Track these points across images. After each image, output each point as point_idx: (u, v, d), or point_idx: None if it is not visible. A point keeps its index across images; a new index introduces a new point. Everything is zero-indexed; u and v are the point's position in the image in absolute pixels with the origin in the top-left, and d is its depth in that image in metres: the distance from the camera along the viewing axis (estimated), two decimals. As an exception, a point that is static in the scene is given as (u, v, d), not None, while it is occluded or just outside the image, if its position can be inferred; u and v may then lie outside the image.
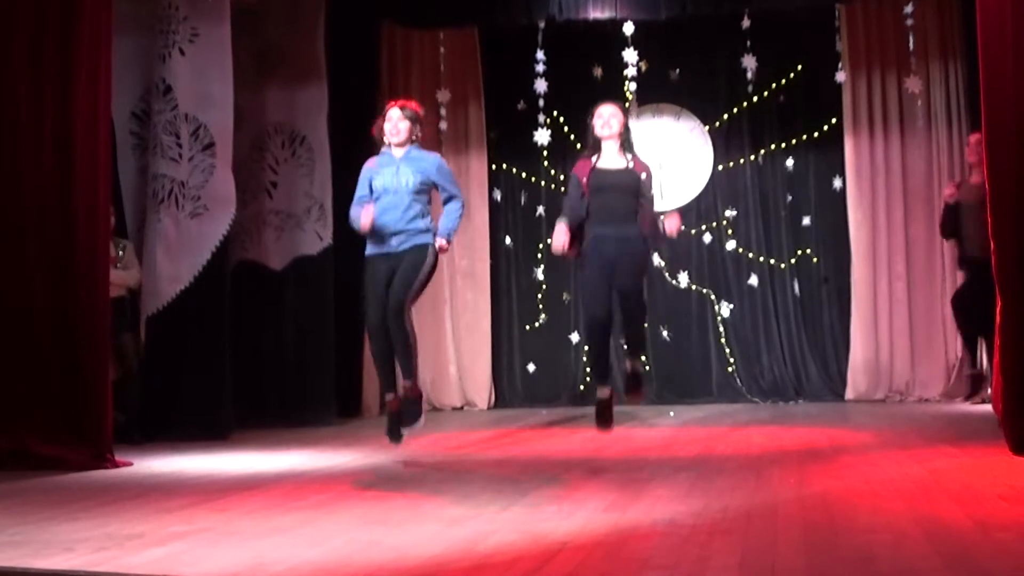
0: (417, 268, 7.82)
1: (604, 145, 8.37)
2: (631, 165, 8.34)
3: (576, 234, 8.24)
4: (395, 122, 8.03)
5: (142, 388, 9.80)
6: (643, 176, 8.33)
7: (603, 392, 8.42)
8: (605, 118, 8.38)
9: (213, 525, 5.27)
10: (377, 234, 7.89)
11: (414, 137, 8.08)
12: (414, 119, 8.09)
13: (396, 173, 7.92)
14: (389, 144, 8.07)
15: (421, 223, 7.89)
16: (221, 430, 9.75)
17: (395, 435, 8.04)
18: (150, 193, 10.07)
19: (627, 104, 12.31)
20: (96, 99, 8.19)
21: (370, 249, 8.00)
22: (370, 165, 8.15)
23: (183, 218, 10.03)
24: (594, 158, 8.36)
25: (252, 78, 11.18)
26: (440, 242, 7.87)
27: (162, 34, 10.06)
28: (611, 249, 8.13)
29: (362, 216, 7.76)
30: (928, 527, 4.72)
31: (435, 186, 8.01)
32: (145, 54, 10.18)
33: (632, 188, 8.25)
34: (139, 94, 10.28)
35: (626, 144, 8.43)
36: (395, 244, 7.85)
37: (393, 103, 8.24)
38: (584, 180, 8.27)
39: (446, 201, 8.05)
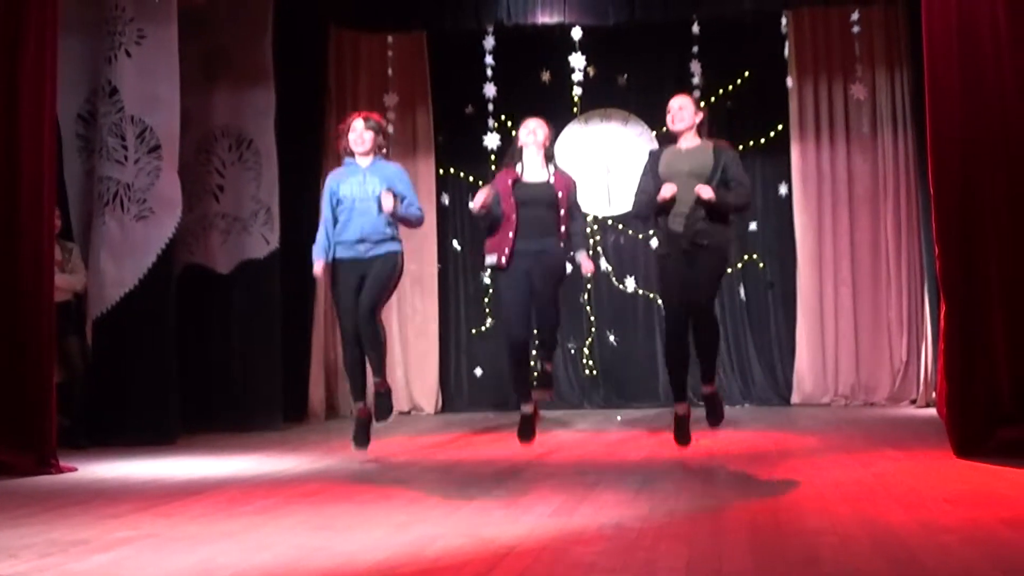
0: (387, 277, 8.14)
1: (526, 154, 8.33)
2: (552, 180, 8.29)
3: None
4: (360, 132, 8.22)
5: (87, 392, 9.71)
6: (562, 193, 8.24)
7: (527, 408, 8.33)
8: (531, 127, 8.40)
9: (159, 531, 5.24)
10: (347, 241, 8.08)
11: (378, 147, 8.20)
12: (377, 129, 8.32)
13: (363, 182, 8.13)
14: (354, 154, 8.22)
15: (388, 230, 8.11)
16: (167, 435, 9.69)
17: (361, 442, 8.24)
18: (96, 196, 10.00)
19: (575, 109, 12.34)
20: (41, 101, 8.12)
21: (340, 253, 8.16)
22: (334, 175, 8.36)
23: (128, 221, 9.96)
24: (518, 167, 8.32)
25: (199, 81, 11.11)
26: (388, 199, 8.03)
27: (108, 35, 10.00)
28: (528, 263, 8.09)
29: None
30: (873, 530, 4.75)
31: (398, 197, 8.14)
32: (91, 55, 10.11)
33: (552, 202, 8.20)
34: (85, 96, 10.20)
35: (550, 157, 8.40)
36: (363, 251, 8.09)
37: (356, 114, 8.42)
38: (505, 192, 8.21)
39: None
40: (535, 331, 8.33)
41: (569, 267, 8.80)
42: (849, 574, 3.99)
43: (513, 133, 12.62)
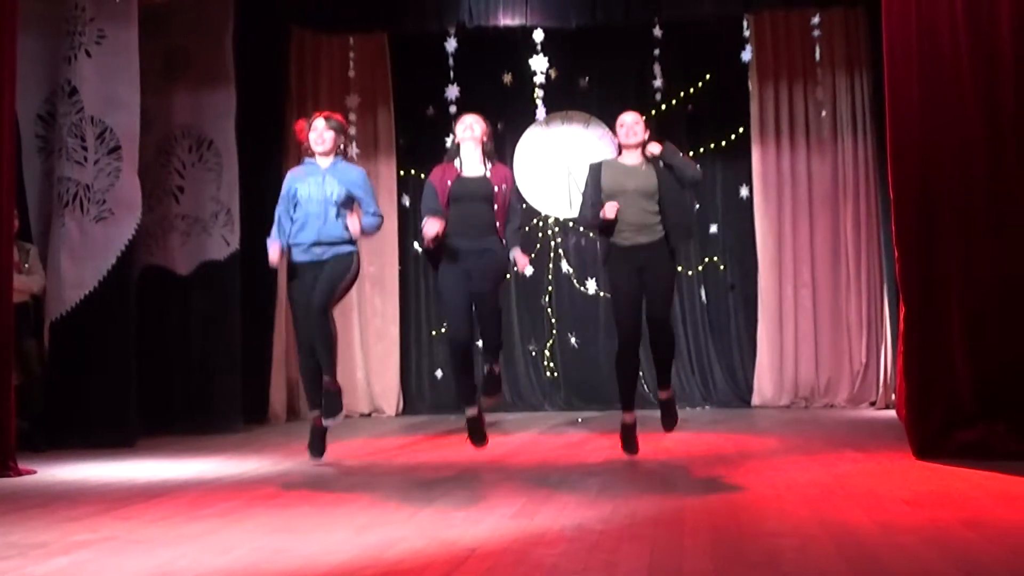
0: (340, 276, 8.03)
1: (463, 149, 8.24)
2: (488, 174, 8.20)
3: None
4: (320, 131, 8.15)
5: (46, 394, 9.65)
6: (500, 187, 8.15)
7: (472, 411, 8.22)
8: (467, 123, 8.29)
9: (118, 534, 5.22)
10: (303, 243, 8.02)
11: (340, 147, 8.18)
12: (339, 129, 8.26)
13: (321, 183, 8.06)
14: (314, 154, 8.17)
15: (344, 234, 8.04)
16: (126, 437, 9.64)
17: (317, 450, 8.23)
18: (55, 197, 9.94)
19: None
20: (0, 101, 8.07)
21: (296, 256, 8.11)
22: (293, 173, 8.27)
23: (88, 222, 9.91)
24: (456, 162, 8.24)
25: (159, 81, 11.07)
26: (353, 223, 8.06)
27: (68, 35, 9.94)
28: (468, 262, 8.00)
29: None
30: (833, 531, 4.78)
31: (357, 201, 8.12)
32: (51, 55, 10.05)
33: (488, 196, 8.10)
34: (44, 96, 10.14)
35: (487, 151, 8.30)
36: (319, 253, 8.04)
37: (318, 114, 8.36)
38: (443, 188, 8.13)
39: (367, 214, 8.21)
40: (479, 332, 8.27)
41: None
42: (809, 575, 4.00)
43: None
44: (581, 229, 13.14)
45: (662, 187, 7.84)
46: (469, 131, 8.23)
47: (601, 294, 13.18)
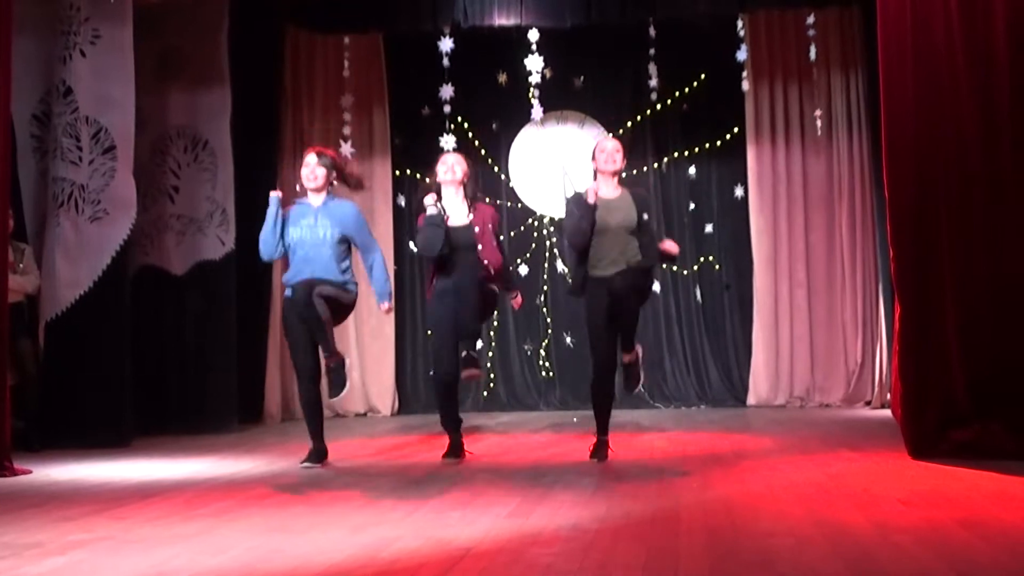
0: (338, 295, 7.98)
1: (445, 192, 8.25)
2: (470, 220, 8.21)
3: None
4: (312, 167, 8.10)
5: (41, 394, 9.64)
6: (484, 227, 8.21)
7: (455, 437, 8.33)
8: (448, 164, 8.31)
9: (113, 533, 5.21)
10: (296, 285, 7.94)
11: (331, 183, 8.10)
12: (330, 166, 8.14)
13: (314, 225, 8.00)
14: (306, 191, 8.13)
15: (340, 277, 8.00)
16: (122, 437, 9.64)
17: (316, 460, 8.08)
18: (50, 197, 9.94)
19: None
20: (-5, 100, 8.07)
21: (289, 293, 8.05)
22: (287, 209, 8.16)
23: (83, 222, 9.91)
24: (441, 205, 8.21)
25: (154, 81, 11.06)
26: (384, 307, 8.23)
27: (63, 35, 9.94)
28: (455, 300, 8.08)
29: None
30: (828, 531, 4.78)
31: (352, 242, 8.11)
32: (46, 55, 10.04)
33: (472, 245, 8.15)
34: (39, 96, 10.13)
35: (469, 193, 8.31)
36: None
37: (310, 149, 8.30)
38: None
39: (366, 259, 8.15)
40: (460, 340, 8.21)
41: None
42: (804, 574, 4.01)
43: (470, 135, 12.76)
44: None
45: (640, 220, 7.88)
46: (450, 173, 8.26)
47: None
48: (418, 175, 13.35)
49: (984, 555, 4.25)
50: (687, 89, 13.21)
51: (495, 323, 12.93)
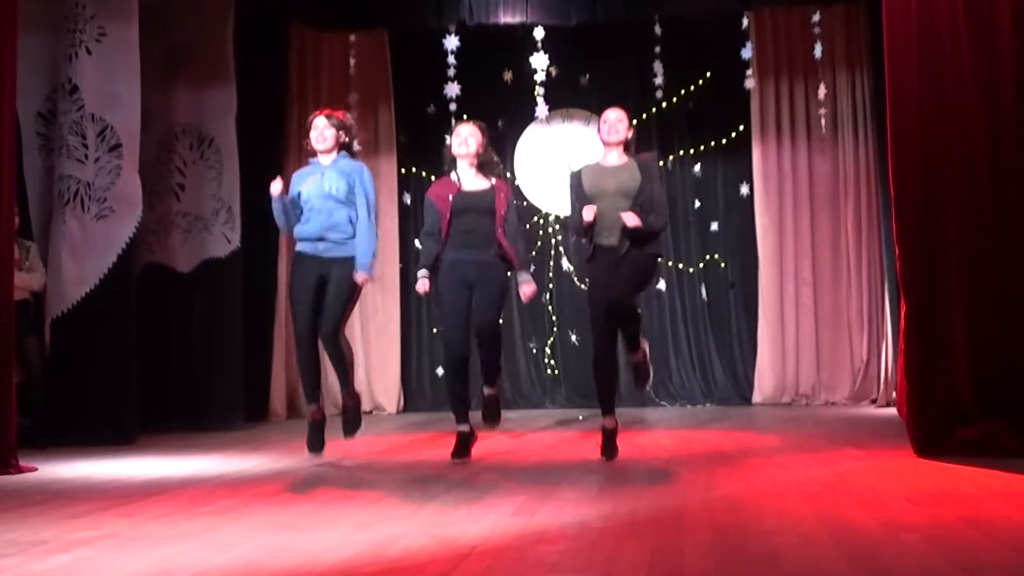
0: (348, 294, 8.01)
1: (460, 165, 8.09)
2: (489, 187, 8.05)
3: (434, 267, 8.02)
4: (321, 130, 8.11)
5: (46, 392, 9.65)
6: (499, 197, 8.03)
7: (463, 427, 8.04)
8: (463, 136, 8.11)
9: (119, 531, 5.21)
10: (308, 237, 8.00)
11: (341, 144, 8.10)
12: (339, 126, 8.16)
13: (321, 179, 8.02)
14: (316, 153, 8.16)
15: (349, 228, 8.00)
16: (127, 434, 9.65)
17: (316, 447, 8.14)
18: (56, 194, 9.94)
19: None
20: (1, 98, 8.06)
21: (301, 246, 8.09)
22: (297, 174, 8.27)
23: (89, 220, 9.92)
24: (453, 176, 8.09)
25: (160, 79, 11.06)
26: (360, 277, 8.02)
27: (69, 33, 9.94)
28: (470, 273, 7.87)
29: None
30: (834, 529, 4.77)
31: (355, 190, 8.07)
32: (51, 53, 10.05)
33: (491, 210, 7.96)
34: (45, 94, 10.14)
35: (486, 166, 8.13)
36: (323, 249, 7.98)
37: (319, 112, 8.30)
38: (444, 203, 7.98)
39: (359, 216, 8.07)
40: (479, 356, 8.02)
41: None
42: (810, 573, 4.00)
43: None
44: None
45: (643, 186, 7.77)
46: (464, 146, 8.08)
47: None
48: (423, 173, 13.35)
49: (990, 553, 4.25)
50: (692, 87, 13.22)
51: (500, 321, 12.92)
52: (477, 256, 7.90)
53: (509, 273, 8.06)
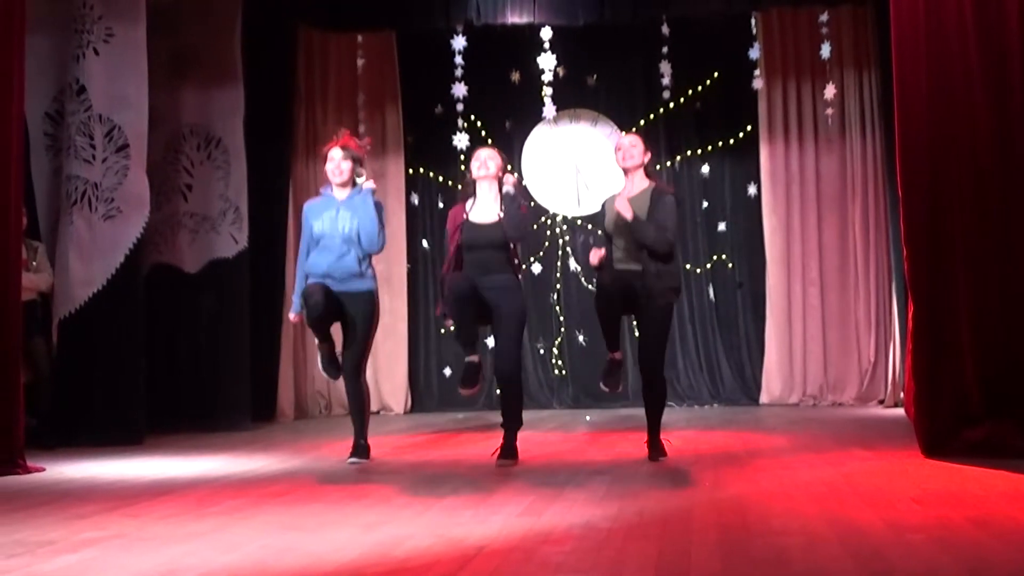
0: (367, 327, 8.09)
1: (479, 187, 8.02)
2: (499, 217, 7.89)
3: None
4: (337, 162, 8.12)
5: (54, 392, 9.66)
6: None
7: (472, 358, 7.91)
8: (482, 159, 8.04)
9: (126, 531, 5.22)
10: (315, 273, 8.04)
11: (356, 176, 8.12)
12: (356, 159, 8.15)
13: (335, 217, 8.04)
14: (331, 185, 8.17)
15: (357, 268, 8.04)
16: (135, 435, 9.65)
17: (332, 373, 8.25)
18: (63, 195, 9.95)
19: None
20: (8, 99, 8.06)
21: (311, 277, 8.10)
22: (310, 206, 8.26)
23: (96, 220, 9.92)
24: (468, 204, 8.02)
25: (167, 79, 11.06)
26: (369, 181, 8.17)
27: (76, 34, 9.95)
28: (482, 280, 7.73)
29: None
30: (841, 529, 4.77)
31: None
32: (59, 54, 10.06)
33: (501, 244, 7.84)
34: (53, 94, 10.15)
35: (522, 203, 8.00)
36: (331, 284, 7.99)
37: (334, 143, 8.25)
38: (454, 233, 7.96)
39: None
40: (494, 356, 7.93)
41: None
42: (817, 573, 4.00)
43: (483, 133, 12.75)
44: (590, 227, 13.12)
45: (651, 211, 7.74)
46: (484, 169, 8.00)
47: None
48: (431, 173, 13.36)
49: (997, 554, 4.24)
50: (700, 87, 13.23)
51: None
52: (490, 281, 7.80)
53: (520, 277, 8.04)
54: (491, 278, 7.79)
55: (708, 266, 13.26)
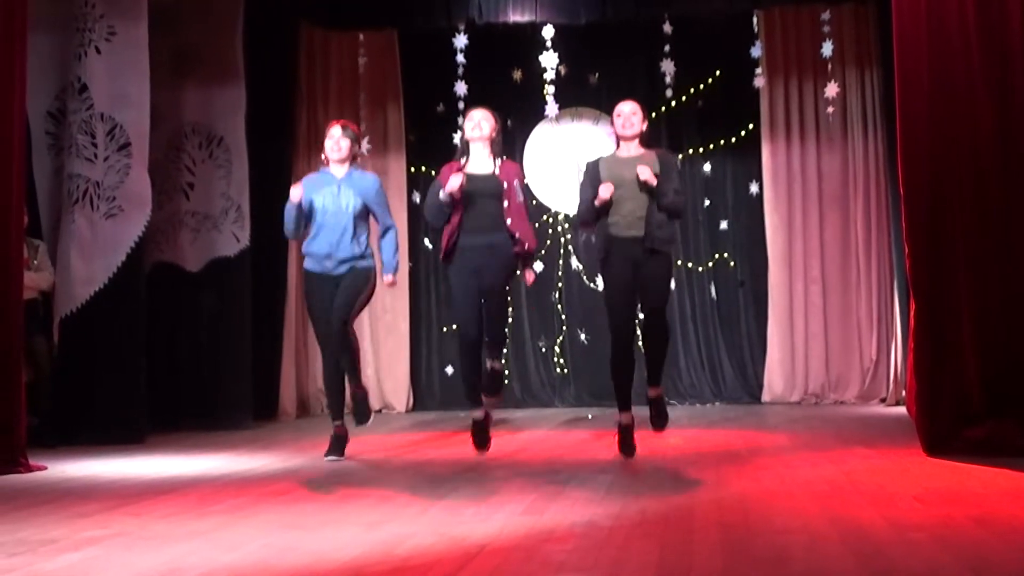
0: (359, 290, 8.12)
1: (473, 148, 8.11)
2: (497, 171, 8.05)
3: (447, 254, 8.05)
4: (336, 139, 8.20)
5: (55, 391, 9.66)
6: (510, 182, 8.02)
7: (478, 414, 8.11)
8: (476, 120, 8.13)
9: (128, 530, 5.22)
10: (315, 254, 8.10)
11: (355, 155, 8.21)
12: (355, 138, 8.29)
13: (337, 194, 8.10)
14: (329, 161, 8.21)
15: (358, 248, 8.11)
16: (136, 433, 9.65)
17: (335, 452, 8.20)
18: (65, 193, 9.95)
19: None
20: (10, 97, 8.06)
21: (309, 265, 8.18)
22: (308, 181, 8.30)
23: (98, 219, 9.92)
24: (463, 161, 8.10)
25: (169, 77, 11.06)
26: (388, 279, 8.28)
27: (78, 32, 9.94)
28: (478, 258, 7.88)
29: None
30: (843, 528, 4.77)
31: (372, 213, 8.23)
32: (61, 52, 10.05)
33: (498, 194, 7.96)
34: (54, 93, 10.14)
35: (496, 148, 8.14)
36: (330, 267, 8.09)
37: (335, 122, 8.38)
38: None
39: (382, 230, 8.30)
40: (485, 328, 8.07)
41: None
42: (819, 572, 4.00)
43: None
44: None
45: (664, 174, 7.74)
46: (478, 130, 8.09)
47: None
48: (433, 172, 13.34)
49: (998, 552, 4.24)
50: (702, 86, 13.21)
51: (509, 319, 12.93)
52: (484, 240, 7.92)
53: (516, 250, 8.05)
54: (486, 237, 7.92)
55: (710, 264, 13.25)
